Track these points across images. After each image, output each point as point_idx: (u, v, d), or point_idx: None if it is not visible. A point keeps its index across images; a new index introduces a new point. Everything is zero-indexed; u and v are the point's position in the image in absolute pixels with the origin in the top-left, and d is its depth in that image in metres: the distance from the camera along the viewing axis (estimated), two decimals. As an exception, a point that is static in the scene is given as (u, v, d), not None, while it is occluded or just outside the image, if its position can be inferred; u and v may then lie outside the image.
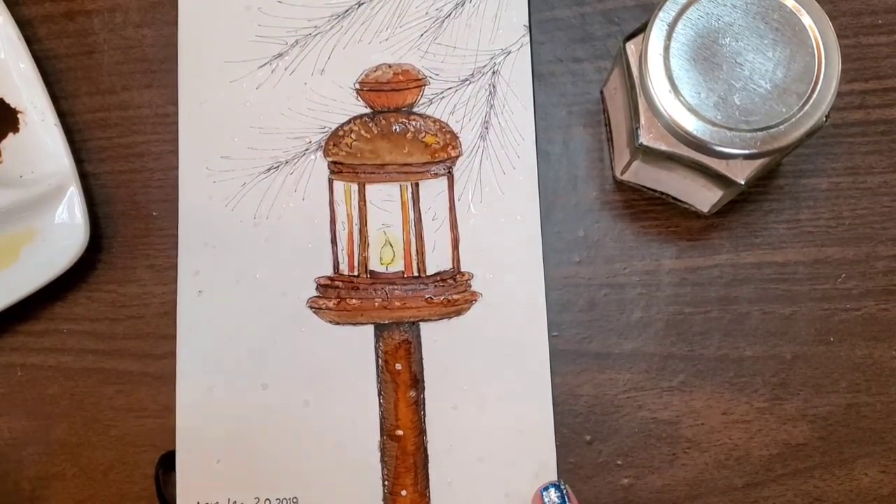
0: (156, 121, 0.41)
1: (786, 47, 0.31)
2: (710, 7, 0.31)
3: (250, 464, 0.38)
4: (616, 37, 0.41)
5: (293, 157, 0.40)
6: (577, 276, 0.39)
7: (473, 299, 0.39)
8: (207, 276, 0.39)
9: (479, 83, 0.40)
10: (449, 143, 0.40)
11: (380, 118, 0.40)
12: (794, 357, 0.38)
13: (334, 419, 0.38)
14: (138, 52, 0.42)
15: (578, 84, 0.41)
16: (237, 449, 0.38)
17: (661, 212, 0.39)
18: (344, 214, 0.40)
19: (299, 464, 0.38)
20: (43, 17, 0.42)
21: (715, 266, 0.39)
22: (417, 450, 0.38)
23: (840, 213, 0.39)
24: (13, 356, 0.40)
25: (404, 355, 0.39)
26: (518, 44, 0.40)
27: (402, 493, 0.38)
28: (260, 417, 0.38)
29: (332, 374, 0.38)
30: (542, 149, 0.40)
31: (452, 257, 0.39)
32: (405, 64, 0.41)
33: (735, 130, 0.31)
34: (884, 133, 0.40)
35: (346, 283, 0.39)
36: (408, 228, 0.39)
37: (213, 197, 0.40)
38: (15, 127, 0.40)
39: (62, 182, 0.39)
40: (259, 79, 0.41)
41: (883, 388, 0.38)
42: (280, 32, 0.41)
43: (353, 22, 0.41)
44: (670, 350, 0.39)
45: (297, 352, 0.38)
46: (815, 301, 0.39)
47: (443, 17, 0.41)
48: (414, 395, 0.38)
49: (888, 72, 0.40)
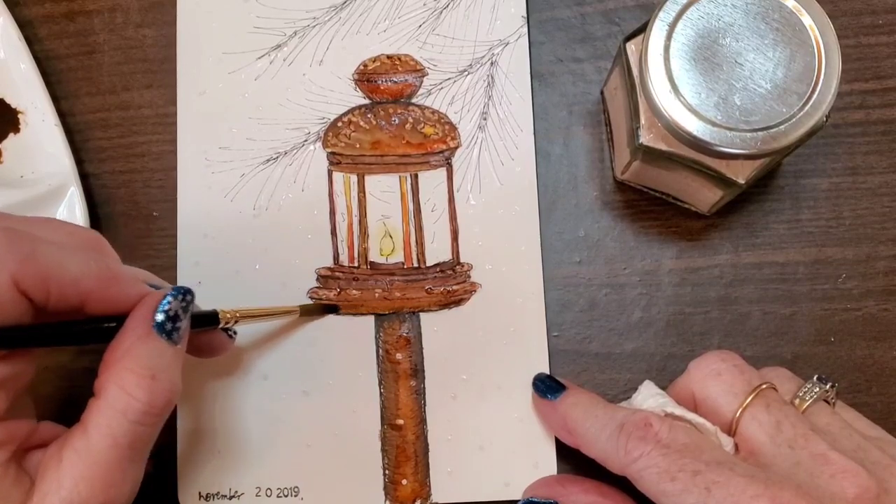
0: (156, 121, 0.41)
1: (786, 47, 0.31)
2: (711, 7, 0.31)
3: (251, 454, 0.38)
4: (616, 37, 0.41)
5: (292, 149, 0.40)
6: (578, 276, 0.39)
7: (473, 290, 0.39)
8: (207, 266, 0.39)
9: (478, 74, 0.40)
10: (448, 134, 0.40)
11: (378, 109, 0.40)
12: (794, 357, 0.38)
13: (335, 409, 0.38)
14: (139, 52, 0.42)
15: (578, 84, 0.41)
16: (238, 439, 0.38)
17: (661, 212, 0.39)
18: (343, 205, 0.40)
19: (300, 454, 0.38)
20: (43, 18, 0.42)
21: (715, 266, 0.39)
22: (418, 439, 0.38)
23: (840, 213, 0.39)
24: (14, 356, 0.40)
25: (405, 345, 0.39)
26: (516, 35, 0.40)
27: (402, 482, 0.38)
28: (260, 408, 0.38)
29: (332, 365, 0.38)
30: (542, 149, 0.40)
31: (452, 248, 0.39)
32: (404, 55, 0.41)
33: (735, 130, 0.31)
34: (884, 133, 0.40)
35: (346, 274, 0.39)
36: (407, 219, 0.40)
37: (212, 188, 0.40)
38: (15, 127, 0.40)
39: (63, 182, 0.39)
40: (258, 70, 0.41)
41: (883, 388, 0.38)
42: (278, 23, 0.41)
43: (351, 13, 0.41)
44: (671, 350, 0.39)
45: (297, 342, 0.39)
46: (816, 301, 0.39)
47: (441, 7, 0.41)
48: (414, 385, 0.38)
49: (888, 72, 0.40)
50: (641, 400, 0.33)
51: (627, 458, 0.30)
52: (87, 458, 0.28)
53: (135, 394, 0.28)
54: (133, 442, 0.28)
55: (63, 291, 0.28)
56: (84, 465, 0.28)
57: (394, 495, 0.38)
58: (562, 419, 0.35)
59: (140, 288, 0.30)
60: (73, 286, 0.28)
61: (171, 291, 0.29)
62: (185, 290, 0.30)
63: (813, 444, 0.29)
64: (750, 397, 0.31)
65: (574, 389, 0.36)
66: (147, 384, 0.28)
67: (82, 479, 0.28)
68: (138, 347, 0.28)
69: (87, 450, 0.28)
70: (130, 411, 0.28)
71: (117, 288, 0.29)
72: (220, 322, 0.33)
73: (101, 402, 0.28)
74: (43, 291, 0.27)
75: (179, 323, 0.29)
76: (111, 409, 0.28)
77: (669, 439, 0.30)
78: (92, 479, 0.28)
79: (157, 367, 0.28)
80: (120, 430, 0.28)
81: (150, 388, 0.28)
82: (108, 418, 0.28)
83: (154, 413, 0.28)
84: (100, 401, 0.28)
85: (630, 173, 0.37)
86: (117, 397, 0.28)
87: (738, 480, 0.28)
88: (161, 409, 0.29)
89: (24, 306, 0.27)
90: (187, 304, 0.30)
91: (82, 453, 0.28)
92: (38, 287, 0.27)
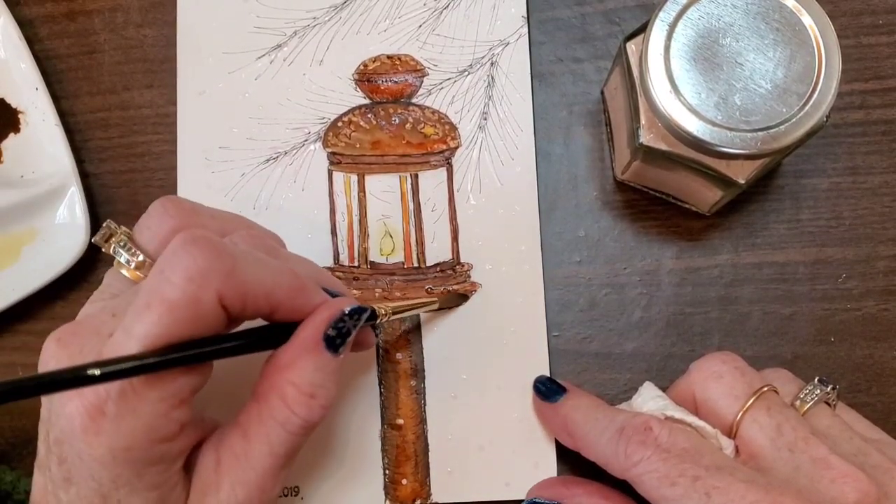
0: (156, 121, 0.41)
1: (786, 47, 0.31)
2: (711, 7, 0.31)
3: None
4: (616, 37, 0.41)
5: (292, 148, 0.40)
6: (578, 276, 0.39)
7: (473, 290, 0.39)
8: None
9: (478, 74, 0.40)
10: (448, 134, 0.40)
11: (378, 109, 0.40)
12: (794, 357, 0.38)
13: (335, 409, 0.38)
14: (139, 52, 0.42)
15: (578, 84, 0.41)
16: None
17: (661, 212, 0.39)
18: (343, 205, 0.40)
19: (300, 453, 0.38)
20: (44, 17, 0.42)
21: (715, 266, 0.39)
22: (418, 439, 0.38)
23: (840, 213, 0.39)
24: (14, 356, 0.40)
25: (405, 345, 0.39)
26: (516, 35, 0.40)
27: (402, 481, 0.38)
28: None
29: None
30: (542, 149, 0.40)
31: (452, 248, 0.39)
32: (404, 55, 0.41)
33: (735, 130, 0.31)
34: (884, 133, 0.40)
35: (346, 274, 0.39)
36: (407, 219, 0.40)
37: (212, 187, 0.40)
38: (16, 127, 0.40)
39: (63, 182, 0.39)
40: (258, 70, 0.41)
41: (883, 388, 0.38)
42: (279, 23, 0.41)
43: (351, 13, 0.41)
44: (671, 350, 0.39)
45: None
46: (816, 301, 0.39)
47: (441, 7, 0.41)
48: (414, 385, 0.38)
49: (888, 72, 0.40)
50: (642, 402, 0.33)
51: (627, 462, 0.30)
52: (246, 464, 0.28)
53: (295, 409, 0.28)
54: (287, 451, 0.29)
55: (257, 304, 0.28)
56: (242, 471, 0.28)
57: (394, 495, 0.38)
58: (562, 422, 0.35)
59: (322, 297, 0.30)
60: (265, 298, 0.28)
61: (348, 309, 0.29)
62: (362, 310, 0.30)
63: (813, 447, 0.29)
64: (751, 400, 0.31)
65: (574, 392, 0.36)
66: (307, 401, 0.28)
67: (239, 483, 0.28)
68: (304, 360, 0.28)
69: (246, 456, 0.28)
70: (289, 425, 0.28)
71: (304, 297, 0.29)
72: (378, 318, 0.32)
73: (262, 411, 0.28)
74: (240, 305, 0.27)
75: (349, 338, 0.29)
76: (272, 420, 0.28)
77: (669, 443, 0.30)
78: (248, 484, 0.28)
79: (317, 384, 0.28)
80: (278, 440, 0.28)
81: (310, 405, 0.28)
82: (268, 428, 0.28)
83: (310, 427, 0.29)
84: (261, 408, 0.28)
85: (630, 173, 0.37)
86: (279, 409, 0.28)
87: (738, 486, 0.28)
88: (316, 424, 0.29)
89: (222, 319, 0.27)
90: (359, 322, 0.30)
91: (241, 459, 0.28)
92: (237, 301, 0.27)
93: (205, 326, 0.27)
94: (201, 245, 0.26)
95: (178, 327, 0.26)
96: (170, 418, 0.27)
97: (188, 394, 0.28)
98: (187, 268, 0.26)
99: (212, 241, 0.27)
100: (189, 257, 0.26)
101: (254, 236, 0.30)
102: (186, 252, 0.26)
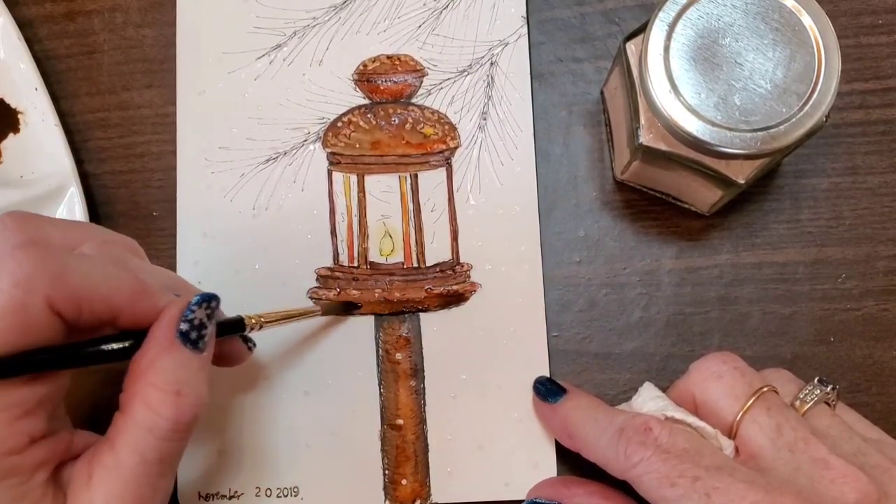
0: (156, 121, 0.41)
1: (786, 47, 0.31)
2: (711, 7, 0.31)
3: (251, 454, 0.38)
4: (616, 37, 0.41)
5: (292, 148, 0.40)
6: (577, 276, 0.39)
7: (473, 290, 0.39)
8: (206, 266, 0.39)
9: (478, 74, 0.40)
10: (447, 134, 0.40)
11: (378, 109, 0.40)
12: (794, 357, 0.38)
13: (335, 409, 0.38)
14: (139, 52, 0.42)
15: (578, 84, 0.41)
16: (238, 440, 0.38)
17: (661, 212, 0.39)
18: (343, 205, 0.40)
19: (300, 453, 0.38)
20: (43, 18, 0.42)
21: (715, 266, 0.39)
22: (417, 439, 0.38)
23: (840, 213, 0.39)
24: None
25: (404, 345, 0.39)
26: (516, 35, 0.40)
27: (402, 482, 0.38)
28: (260, 407, 0.38)
29: (332, 365, 0.38)
30: (542, 149, 0.40)
31: (452, 248, 0.39)
32: (403, 55, 0.41)
33: (735, 130, 0.31)
34: (884, 133, 0.40)
35: (346, 274, 0.39)
36: (407, 219, 0.40)
37: (211, 187, 0.40)
38: (15, 127, 0.40)
39: (62, 182, 0.39)
40: (257, 70, 0.41)
41: (883, 388, 0.38)
42: (278, 23, 0.41)
43: (351, 13, 0.41)
44: (670, 350, 0.39)
45: (297, 342, 0.39)
46: (815, 301, 0.39)
47: (441, 7, 0.41)
48: (414, 385, 0.38)
49: (888, 72, 0.40)
50: (641, 402, 0.33)
51: (627, 462, 0.30)
52: (117, 476, 0.27)
53: (160, 411, 0.27)
54: (161, 457, 0.28)
55: (94, 308, 0.27)
56: (114, 483, 0.27)
57: (393, 495, 0.38)
58: (562, 423, 0.35)
59: (169, 299, 0.29)
60: (103, 303, 0.27)
61: (195, 299, 0.29)
62: (209, 297, 0.29)
63: (813, 448, 0.29)
64: (751, 400, 0.31)
65: (574, 393, 0.35)
66: (172, 400, 0.27)
67: (112, 496, 0.27)
68: (162, 359, 0.28)
69: (117, 467, 0.27)
70: (157, 429, 0.27)
71: (148, 301, 0.28)
72: (247, 328, 0.32)
73: (127, 419, 0.28)
74: (75, 310, 0.26)
75: (205, 331, 0.29)
76: (137, 427, 0.27)
77: (669, 444, 0.30)
78: (122, 496, 0.27)
79: (182, 381, 0.28)
80: (147, 447, 0.27)
81: (176, 403, 0.27)
82: (135, 436, 0.27)
83: (181, 429, 0.28)
84: (126, 417, 0.28)
85: (630, 173, 0.37)
86: (143, 415, 0.27)
87: (737, 486, 0.28)
88: (188, 424, 0.28)
89: (57, 326, 0.26)
90: (212, 310, 0.29)
91: (112, 471, 0.27)
92: (70, 306, 0.26)
93: (38, 333, 0.26)
94: (27, 250, 0.26)
95: (8, 335, 0.25)
96: (14, 430, 0.26)
97: (34, 405, 0.27)
98: (13, 273, 0.25)
99: (38, 245, 0.26)
100: (14, 262, 0.25)
101: (104, 244, 0.29)
102: (12, 257, 0.25)
